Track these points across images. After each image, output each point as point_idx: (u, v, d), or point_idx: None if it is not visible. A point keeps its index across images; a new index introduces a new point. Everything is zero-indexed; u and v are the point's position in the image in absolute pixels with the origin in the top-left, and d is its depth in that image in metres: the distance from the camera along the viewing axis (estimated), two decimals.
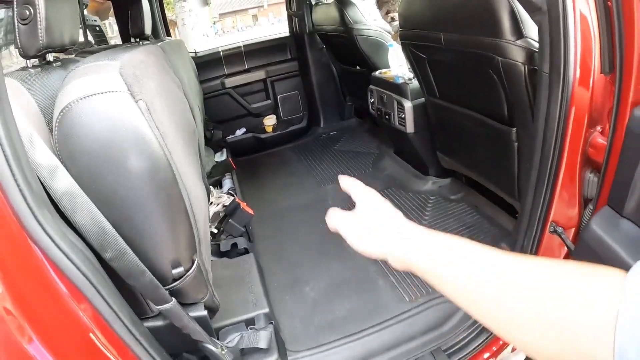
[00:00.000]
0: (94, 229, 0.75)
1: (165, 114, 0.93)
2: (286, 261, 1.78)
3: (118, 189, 0.75)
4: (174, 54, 1.69)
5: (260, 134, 3.04)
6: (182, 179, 0.86)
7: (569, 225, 1.05)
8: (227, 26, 24.62)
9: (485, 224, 1.78)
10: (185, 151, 1.11)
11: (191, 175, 1.04)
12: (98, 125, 0.70)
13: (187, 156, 1.12)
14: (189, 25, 7.34)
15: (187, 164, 1.05)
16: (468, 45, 1.24)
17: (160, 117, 0.84)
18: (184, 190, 0.85)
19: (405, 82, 1.88)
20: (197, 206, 0.96)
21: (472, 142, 1.63)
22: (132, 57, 0.86)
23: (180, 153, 0.97)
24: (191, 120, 1.32)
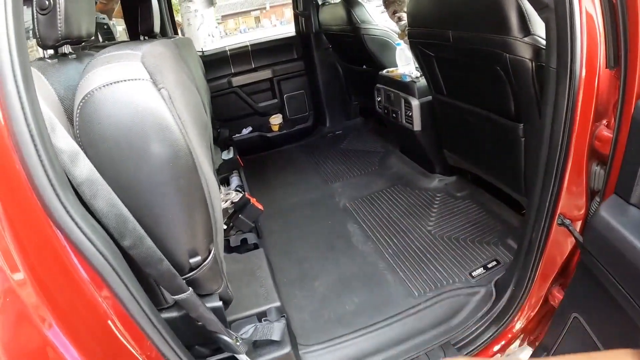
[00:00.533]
0: (113, 215, 0.76)
1: (183, 105, 0.94)
2: (295, 256, 1.80)
3: (139, 174, 0.76)
4: (185, 49, 1.71)
5: (266, 132, 3.05)
6: (202, 165, 0.87)
7: (577, 218, 1.06)
8: (229, 28, 24.71)
9: (492, 220, 1.80)
10: (201, 143, 1.12)
11: (207, 166, 1.05)
12: (121, 112, 0.72)
13: (203, 148, 1.13)
14: (195, 25, 7.38)
15: (203, 155, 1.06)
16: (476, 43, 1.25)
17: (180, 106, 0.86)
18: (204, 179, 0.86)
19: (413, 80, 1.90)
20: (215, 196, 0.98)
21: (478, 138, 1.64)
22: (153, 49, 0.88)
23: (197, 144, 0.98)
24: (204, 114, 1.34)
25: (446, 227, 1.80)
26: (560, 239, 1.13)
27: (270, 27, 22.18)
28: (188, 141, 0.79)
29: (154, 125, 0.74)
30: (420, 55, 1.66)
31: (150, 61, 0.79)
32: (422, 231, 1.81)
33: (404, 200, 2.04)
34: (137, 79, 0.73)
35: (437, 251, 1.68)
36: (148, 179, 0.77)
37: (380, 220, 1.93)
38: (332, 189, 2.29)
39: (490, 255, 1.60)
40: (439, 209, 1.94)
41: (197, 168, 0.83)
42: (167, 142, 0.75)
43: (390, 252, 1.72)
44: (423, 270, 1.60)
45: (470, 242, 1.69)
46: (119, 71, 0.73)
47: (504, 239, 1.66)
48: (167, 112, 0.75)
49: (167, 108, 0.75)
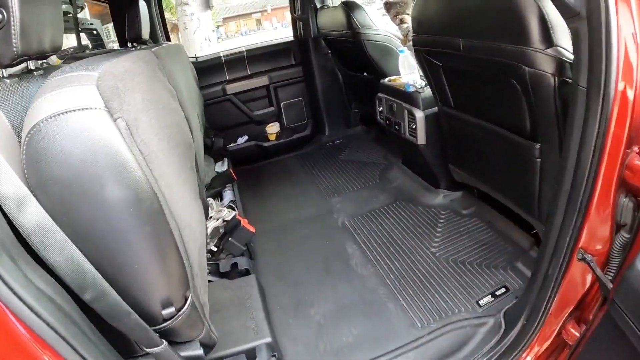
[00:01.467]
0: (70, 268, 0.65)
1: (154, 130, 0.82)
2: (290, 280, 1.68)
3: (95, 222, 0.65)
4: (171, 59, 1.60)
5: (263, 142, 2.94)
6: (172, 207, 0.75)
7: (599, 253, 0.98)
8: (230, 30, 24.68)
9: (500, 241, 1.68)
10: (179, 169, 1.00)
11: (185, 198, 0.93)
12: (70, 148, 0.60)
13: (181, 174, 1.02)
14: (191, 29, 7.26)
15: (180, 185, 0.95)
16: (490, 53, 1.13)
17: (147, 135, 0.74)
18: (173, 222, 0.74)
19: (417, 90, 1.77)
20: (190, 237, 0.86)
21: (488, 155, 1.52)
22: (115, 66, 0.76)
23: (172, 174, 0.87)
24: (187, 133, 1.22)
25: (451, 249, 1.69)
26: (579, 274, 1.04)
27: (272, 30, 22.13)
28: (152, 181, 0.67)
29: (108, 164, 0.62)
30: (426, 64, 1.54)
31: (108, 84, 0.67)
32: (426, 253, 1.69)
33: (407, 219, 1.92)
34: (88, 108, 0.61)
35: (441, 276, 1.56)
36: (106, 226, 0.66)
37: (381, 240, 1.80)
38: (331, 205, 2.17)
39: (499, 281, 1.49)
40: (444, 228, 1.82)
41: (165, 212, 0.71)
42: (125, 184, 0.64)
43: (392, 276, 1.60)
44: (427, 297, 1.48)
45: (477, 266, 1.58)
46: (68, 98, 0.61)
47: (513, 263, 1.55)
48: (124, 147, 0.63)
49: (125, 143, 0.63)
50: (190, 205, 0.98)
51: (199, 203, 1.24)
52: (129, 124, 0.66)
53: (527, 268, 1.51)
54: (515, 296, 1.41)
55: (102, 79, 0.67)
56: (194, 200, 1.11)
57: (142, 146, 0.69)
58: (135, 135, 0.68)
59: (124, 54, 0.93)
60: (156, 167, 0.72)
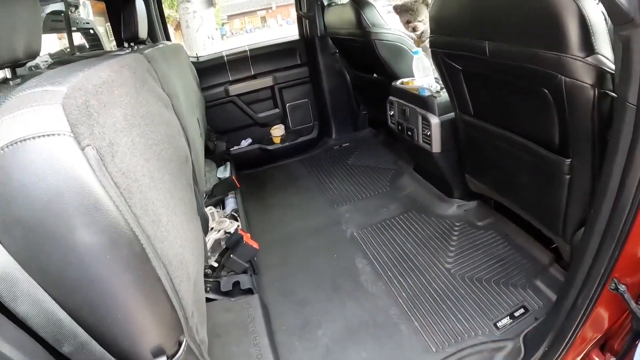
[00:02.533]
0: (42, 319, 0.56)
1: (139, 150, 0.72)
2: (295, 298, 1.57)
3: (68, 269, 0.54)
4: (168, 61, 1.49)
5: (267, 145, 2.82)
6: (160, 247, 0.64)
7: (632, 283, 0.93)
8: (235, 28, 24.60)
9: (517, 256, 1.58)
10: (172, 189, 0.90)
11: (177, 226, 0.82)
12: (30, 185, 0.49)
13: (175, 195, 0.91)
14: (194, 27, 7.12)
15: (172, 209, 0.84)
16: (521, 59, 1.01)
17: (127, 161, 0.63)
18: (160, 266, 0.63)
19: (432, 94, 1.65)
20: (183, 276, 0.75)
21: (510, 168, 1.40)
22: (89, 78, 0.65)
23: (160, 201, 0.76)
24: (182, 146, 1.11)
25: (467, 265, 1.58)
26: (610, 304, 0.98)
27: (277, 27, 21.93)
28: (132, 221, 0.57)
29: (76, 203, 0.51)
30: (444, 68, 1.41)
31: (77, 102, 0.56)
32: (440, 270, 1.57)
33: (419, 231, 1.81)
34: (50, 134, 0.51)
35: (457, 295, 1.45)
36: (81, 273, 0.55)
37: (393, 254, 1.69)
38: (338, 214, 2.05)
39: (517, 301, 1.39)
40: (459, 242, 1.71)
41: (150, 255, 0.60)
42: (97, 228, 0.53)
43: (404, 295, 1.49)
44: (441, 319, 1.38)
45: (495, 284, 1.47)
46: (28, 122, 0.51)
47: (532, 280, 1.45)
48: (95, 183, 0.53)
49: (95, 177, 0.53)
50: (185, 231, 0.88)
51: (196, 221, 1.14)
52: (101, 152, 0.55)
53: (546, 286, 1.41)
54: (535, 317, 1.32)
55: (70, 96, 0.56)
56: (190, 220, 1.01)
57: (119, 178, 0.58)
58: (110, 164, 0.57)
59: (106, 60, 0.82)
60: (138, 201, 0.61)
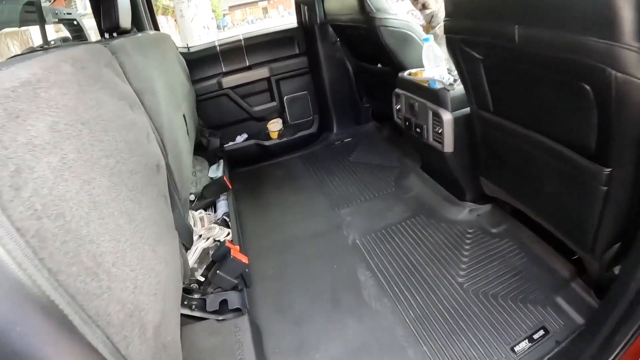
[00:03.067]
0: None
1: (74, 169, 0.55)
2: (291, 315, 1.42)
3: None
4: (145, 51, 1.31)
5: (263, 140, 2.65)
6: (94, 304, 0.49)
7: None
8: (237, 19, 24.30)
9: (536, 268, 1.41)
10: (133, 208, 0.73)
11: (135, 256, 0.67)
12: None
13: (137, 215, 0.75)
14: (188, 17, 6.87)
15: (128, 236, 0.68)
16: (559, 48, 0.82)
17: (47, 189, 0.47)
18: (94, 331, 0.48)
19: (445, 87, 1.46)
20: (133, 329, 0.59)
21: (533, 173, 1.22)
22: (0, 80, 0.48)
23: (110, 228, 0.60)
24: (152, 151, 0.95)
25: (480, 279, 1.41)
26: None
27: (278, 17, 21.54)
28: (43, 280, 0.41)
29: None
30: (461, 57, 1.22)
31: None
32: (452, 284, 1.41)
33: (428, 238, 1.64)
34: None
35: (470, 315, 1.29)
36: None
37: (399, 266, 1.53)
38: (340, 218, 1.89)
39: (536, 321, 1.24)
40: (472, 252, 1.54)
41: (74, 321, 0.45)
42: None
43: (412, 315, 1.33)
44: (453, 342, 1.23)
45: (511, 301, 1.31)
46: None
47: (552, 297, 1.29)
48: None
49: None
50: (146, 265, 0.71)
51: (170, 238, 0.98)
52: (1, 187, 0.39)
53: (568, 304, 1.26)
54: (556, 340, 1.18)
55: None
56: (159, 242, 0.85)
57: (27, 220, 0.42)
58: (12, 203, 0.40)
59: (44, 54, 0.65)
60: (59, 248, 0.45)
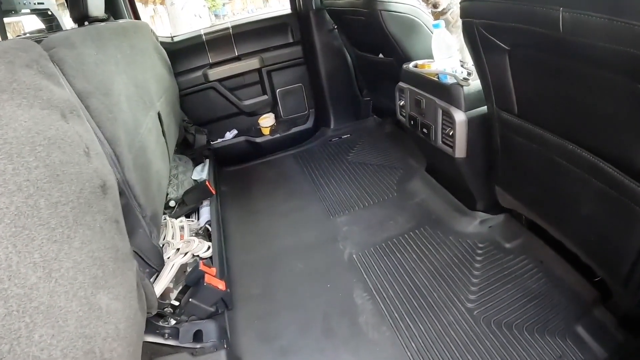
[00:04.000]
0: None
1: None
2: (277, 345, 1.25)
3: None
4: (103, 43, 1.12)
5: (255, 137, 2.45)
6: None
7: None
8: (237, 8, 23.90)
9: (554, 291, 1.24)
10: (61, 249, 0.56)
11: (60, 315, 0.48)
12: None
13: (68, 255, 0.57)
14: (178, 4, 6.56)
15: (48, 292, 0.49)
16: (620, 40, 0.61)
17: None
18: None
19: (458, 82, 1.25)
20: None
21: (562, 189, 1.02)
22: None
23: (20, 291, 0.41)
24: (93, 169, 0.75)
25: (493, 305, 1.24)
26: None
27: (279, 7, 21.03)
28: None
29: None
30: (482, 46, 1.00)
31: None
32: (460, 311, 1.23)
33: (434, 254, 1.45)
34: None
35: (480, 348, 1.13)
36: None
37: (400, 287, 1.35)
38: (336, 227, 1.70)
39: (554, 355, 1.07)
40: (483, 272, 1.36)
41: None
42: None
43: (414, 346, 1.16)
44: None
45: (527, 331, 1.14)
46: None
47: (572, 326, 1.13)
48: None
49: None
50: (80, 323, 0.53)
51: (124, 273, 0.80)
52: None
53: (589, 334, 1.10)
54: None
55: None
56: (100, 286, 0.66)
57: None
58: None
59: None
60: None
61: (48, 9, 2.28)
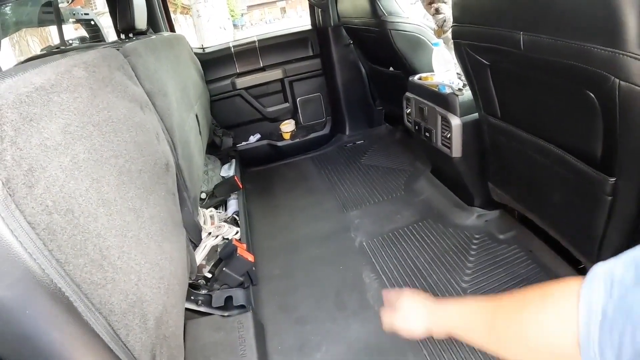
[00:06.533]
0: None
1: (84, 169, 0.59)
2: (295, 315, 1.44)
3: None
4: (158, 53, 1.36)
5: (276, 141, 2.68)
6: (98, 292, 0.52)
7: None
8: (255, 19, 24.46)
9: (542, 276, 1.40)
10: (141, 205, 0.77)
11: (140, 251, 0.70)
12: None
13: (145, 211, 0.78)
14: (205, 16, 6.95)
15: (134, 232, 0.71)
16: (564, 55, 0.81)
17: (58, 187, 0.51)
18: (97, 318, 0.52)
19: (454, 92, 1.46)
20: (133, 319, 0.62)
21: (540, 180, 1.21)
22: (15, 85, 0.52)
23: (116, 224, 0.63)
24: (161, 151, 0.98)
25: (485, 286, 1.41)
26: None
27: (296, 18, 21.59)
28: (51, 269, 0.45)
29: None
30: (469, 62, 1.22)
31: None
32: (456, 290, 1.41)
33: (434, 243, 1.64)
34: None
35: None
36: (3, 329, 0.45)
37: (404, 269, 1.53)
38: (348, 220, 1.90)
39: None
40: (477, 258, 1.53)
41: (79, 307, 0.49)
42: (8, 280, 0.44)
43: None
44: (453, 348, 1.23)
45: None
46: None
47: None
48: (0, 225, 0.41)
49: (0, 218, 0.41)
50: (150, 259, 0.74)
51: (177, 235, 1.01)
52: (12, 184, 0.43)
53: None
54: None
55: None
56: (165, 239, 0.88)
57: (39, 215, 0.45)
58: (24, 199, 0.44)
59: (59, 58, 0.69)
60: (67, 241, 0.49)
61: (92, 19, 2.58)
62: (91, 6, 7.56)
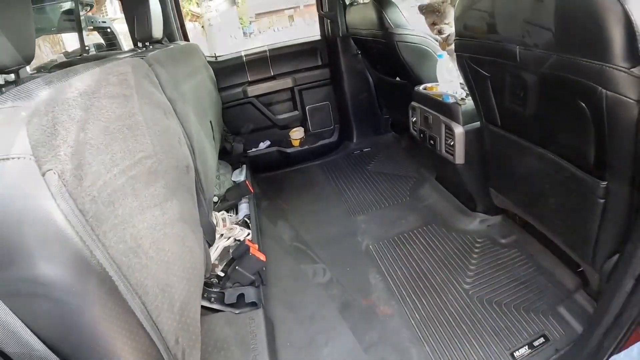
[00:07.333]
0: (17, 348, 0.51)
1: (121, 166, 0.66)
2: (303, 314, 1.50)
3: (36, 301, 0.51)
4: (177, 62, 1.45)
5: (285, 148, 2.76)
6: (135, 275, 0.59)
7: None
8: (263, 26, 24.74)
9: (541, 279, 1.45)
10: (165, 202, 0.84)
11: (167, 243, 0.77)
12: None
13: (169, 209, 0.85)
14: (216, 25, 7.12)
15: (161, 226, 0.78)
16: (556, 68, 0.88)
17: (101, 181, 0.58)
18: (134, 298, 0.58)
19: (457, 102, 1.53)
20: (164, 302, 0.69)
21: (538, 185, 1.27)
22: (63, 90, 0.59)
23: (147, 218, 0.70)
24: (183, 154, 1.06)
25: (486, 287, 1.46)
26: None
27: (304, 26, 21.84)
28: (99, 253, 0.51)
29: (36, 235, 0.47)
30: (470, 74, 1.29)
31: (41, 121, 0.50)
32: (458, 291, 1.46)
33: (438, 246, 1.69)
34: (9, 158, 0.45)
35: (473, 320, 1.34)
36: (50, 305, 0.52)
37: (408, 271, 1.59)
38: (355, 224, 1.96)
39: (538, 329, 1.28)
40: (479, 261, 1.58)
41: (120, 288, 0.55)
42: (60, 260, 0.48)
43: (417, 317, 1.39)
44: (455, 345, 1.28)
45: (515, 309, 1.36)
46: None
47: (555, 307, 1.33)
48: (56, 211, 0.47)
49: (56, 205, 0.47)
50: (175, 252, 0.82)
51: (196, 233, 1.09)
52: (65, 176, 0.50)
53: (570, 314, 1.30)
54: (556, 348, 1.21)
55: (36, 114, 0.50)
56: (186, 235, 0.95)
57: (87, 204, 0.52)
58: (75, 190, 0.51)
59: (92, 67, 0.77)
60: (111, 228, 0.56)
61: (109, 27, 2.70)
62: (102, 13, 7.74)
